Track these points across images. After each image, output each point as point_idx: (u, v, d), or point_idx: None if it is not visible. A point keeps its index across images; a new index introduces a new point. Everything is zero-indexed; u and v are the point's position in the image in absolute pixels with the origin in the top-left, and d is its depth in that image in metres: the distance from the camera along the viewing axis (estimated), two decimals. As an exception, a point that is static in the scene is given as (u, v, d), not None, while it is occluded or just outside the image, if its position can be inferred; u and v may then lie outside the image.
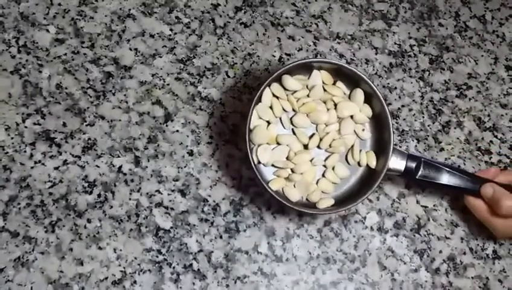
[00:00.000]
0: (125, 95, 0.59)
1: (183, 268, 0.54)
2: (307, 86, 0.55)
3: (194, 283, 0.53)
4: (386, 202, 0.58)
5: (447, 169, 0.54)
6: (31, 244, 0.53)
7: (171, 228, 0.55)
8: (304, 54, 0.63)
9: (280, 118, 0.55)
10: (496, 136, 0.63)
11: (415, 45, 0.66)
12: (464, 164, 0.61)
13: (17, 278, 0.51)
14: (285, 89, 0.55)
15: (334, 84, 0.56)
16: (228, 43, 0.62)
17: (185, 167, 0.57)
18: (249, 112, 0.52)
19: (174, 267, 0.54)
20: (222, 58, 0.62)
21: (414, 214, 0.58)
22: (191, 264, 0.54)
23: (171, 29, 0.62)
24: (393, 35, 0.66)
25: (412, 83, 0.64)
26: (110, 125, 0.57)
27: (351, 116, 0.55)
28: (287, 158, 0.53)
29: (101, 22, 0.61)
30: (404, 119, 0.62)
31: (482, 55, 0.66)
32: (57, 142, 0.56)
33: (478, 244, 0.58)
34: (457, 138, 0.62)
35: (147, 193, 0.56)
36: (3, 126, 0.56)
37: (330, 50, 0.64)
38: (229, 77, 0.61)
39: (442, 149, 0.61)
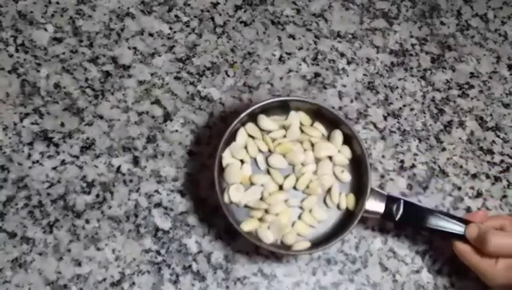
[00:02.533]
0: (124, 94, 0.58)
1: (183, 269, 0.53)
2: (283, 127, 0.54)
3: (193, 284, 0.53)
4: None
5: (430, 211, 0.51)
6: (29, 245, 0.52)
7: (170, 228, 0.54)
8: (305, 52, 0.63)
9: (255, 158, 0.53)
10: (498, 136, 0.62)
11: (416, 44, 0.65)
12: (466, 164, 0.60)
13: (15, 279, 0.51)
14: (260, 129, 0.54)
15: (312, 125, 0.55)
16: (228, 42, 0.62)
17: (184, 167, 0.57)
18: (218, 149, 0.50)
19: (173, 269, 0.53)
20: (222, 57, 0.61)
21: (416, 214, 0.58)
22: (190, 265, 0.53)
23: (170, 28, 0.62)
24: (394, 34, 0.65)
25: (413, 82, 0.63)
26: (109, 125, 0.57)
27: (330, 158, 0.54)
28: (261, 199, 0.52)
29: (99, 21, 0.61)
30: (405, 119, 0.62)
31: (484, 54, 0.66)
32: (55, 142, 0.56)
33: (480, 245, 0.58)
34: (459, 138, 0.62)
35: (146, 193, 0.55)
36: (0, 126, 0.55)
37: (331, 49, 0.63)
38: (228, 76, 0.61)
39: (444, 149, 0.61)
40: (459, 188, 0.59)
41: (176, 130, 0.58)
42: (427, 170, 0.60)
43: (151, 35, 0.61)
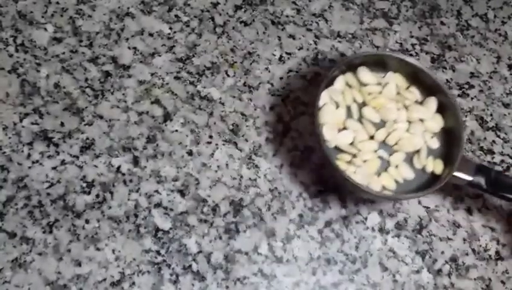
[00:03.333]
0: (123, 94, 0.58)
1: (183, 269, 0.53)
2: (380, 84, 0.56)
3: (193, 284, 0.53)
4: (388, 202, 0.58)
5: None
6: (29, 245, 0.52)
7: (170, 228, 0.54)
8: (305, 52, 0.63)
9: (349, 106, 0.55)
10: (498, 136, 0.62)
11: (416, 44, 0.65)
12: (466, 164, 0.61)
13: (15, 279, 0.51)
14: (358, 81, 0.55)
15: (407, 88, 0.56)
16: (228, 42, 0.62)
17: (184, 167, 0.57)
18: (319, 89, 0.52)
19: (173, 269, 0.53)
20: (222, 57, 0.61)
21: (416, 214, 0.58)
22: (190, 265, 0.53)
23: (170, 28, 0.62)
24: (394, 34, 0.65)
25: (413, 82, 0.63)
26: (109, 124, 0.57)
27: (422, 121, 0.55)
28: (351, 144, 0.53)
29: (99, 21, 0.61)
30: (405, 118, 0.62)
31: (485, 54, 0.66)
32: (54, 142, 0.56)
33: (480, 245, 0.58)
34: (460, 138, 0.62)
35: (146, 193, 0.55)
36: (0, 126, 0.55)
37: (331, 49, 0.63)
38: (228, 76, 0.61)
39: (444, 149, 0.61)
40: (459, 188, 0.59)
41: (176, 130, 0.58)
42: (427, 170, 0.60)
43: (151, 35, 0.61)
